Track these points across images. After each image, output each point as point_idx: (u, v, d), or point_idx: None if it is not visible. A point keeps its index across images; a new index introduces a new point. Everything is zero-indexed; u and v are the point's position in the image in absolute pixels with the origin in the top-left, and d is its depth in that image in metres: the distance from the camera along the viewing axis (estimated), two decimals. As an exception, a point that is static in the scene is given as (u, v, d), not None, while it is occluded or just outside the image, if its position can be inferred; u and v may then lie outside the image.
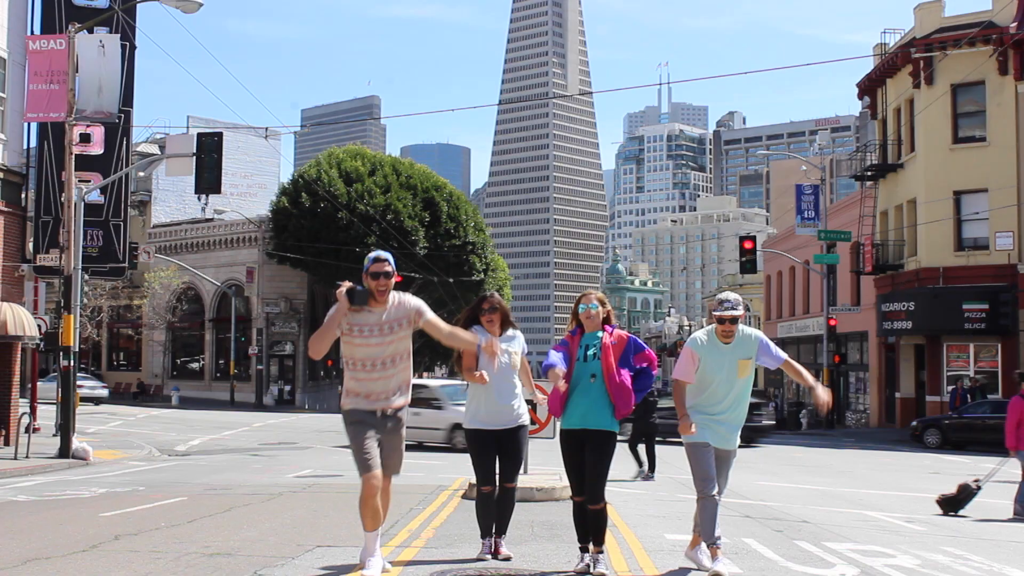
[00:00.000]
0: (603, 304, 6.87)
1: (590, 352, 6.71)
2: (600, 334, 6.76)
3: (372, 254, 6.47)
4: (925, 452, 24.69)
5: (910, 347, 34.62)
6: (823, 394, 6.87)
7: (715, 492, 6.82)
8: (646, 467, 15.52)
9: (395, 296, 6.48)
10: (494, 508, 7.19)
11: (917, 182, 33.52)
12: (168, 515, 10.09)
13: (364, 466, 6.35)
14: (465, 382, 7.27)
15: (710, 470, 6.81)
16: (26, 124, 22.69)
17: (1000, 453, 25.38)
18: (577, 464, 6.74)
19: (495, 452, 7.14)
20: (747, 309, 7.84)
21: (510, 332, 7.27)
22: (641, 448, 15.76)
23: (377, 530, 6.47)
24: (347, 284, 6.33)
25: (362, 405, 6.43)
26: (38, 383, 26.18)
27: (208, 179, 20.14)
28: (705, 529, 6.82)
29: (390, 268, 6.36)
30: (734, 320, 6.86)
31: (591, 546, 6.79)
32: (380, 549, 6.54)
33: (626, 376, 6.67)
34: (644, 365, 6.83)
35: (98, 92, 19.82)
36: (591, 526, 6.77)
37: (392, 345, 6.39)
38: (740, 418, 7.02)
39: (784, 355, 7.14)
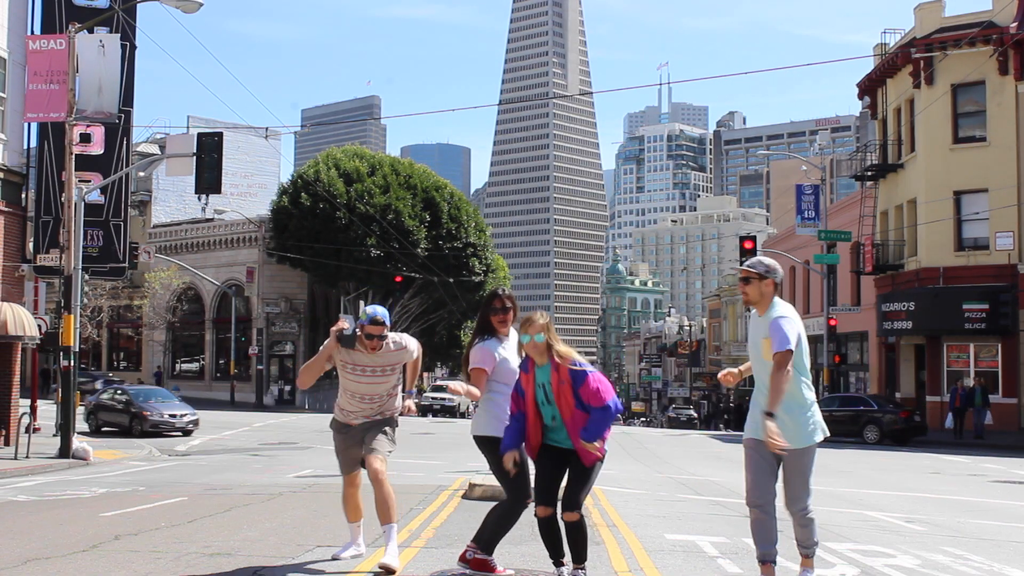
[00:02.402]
0: (547, 330, 5.98)
1: (547, 390, 6.01)
2: (549, 368, 6.00)
3: (371, 312, 6.66)
4: (925, 452, 24.68)
5: (910, 347, 34.62)
6: (770, 429, 5.64)
7: (759, 502, 5.95)
8: None
9: (395, 341, 6.85)
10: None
11: (917, 182, 33.52)
12: (168, 515, 10.09)
13: (342, 470, 7.21)
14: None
15: (752, 474, 5.98)
16: (26, 124, 22.69)
17: (848, 445, 25.84)
18: (554, 475, 6.15)
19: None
20: (763, 276, 5.95)
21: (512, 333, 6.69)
22: None
23: (358, 522, 7.20)
24: (343, 324, 6.65)
25: (342, 416, 7.10)
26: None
27: (208, 179, 20.14)
28: (756, 541, 6.09)
29: (386, 332, 6.66)
30: (746, 279, 6.03)
31: (570, 564, 6.11)
32: (362, 539, 7.29)
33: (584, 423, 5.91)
34: (589, 403, 5.87)
35: (98, 92, 19.82)
36: (569, 540, 6.08)
37: (383, 385, 6.87)
38: (791, 408, 5.83)
39: (785, 345, 5.72)
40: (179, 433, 26.86)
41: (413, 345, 6.97)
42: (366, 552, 7.32)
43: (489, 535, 6.43)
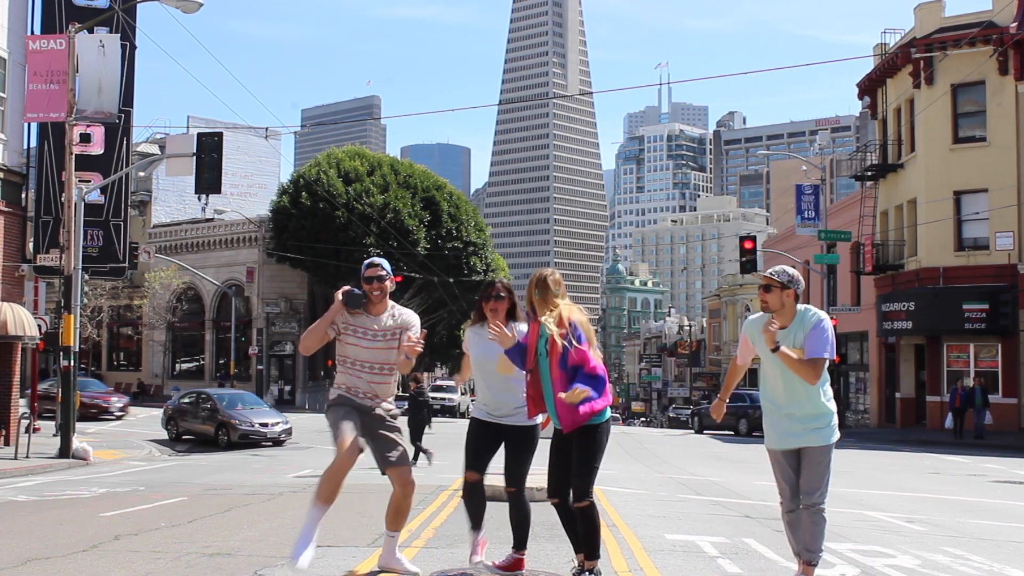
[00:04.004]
0: (550, 286, 6.02)
1: (544, 346, 5.99)
2: (550, 323, 5.93)
3: (367, 260, 6.56)
4: (925, 452, 24.67)
5: (910, 347, 34.61)
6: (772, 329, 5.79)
7: (791, 507, 6.09)
8: (433, 455, 17.50)
9: (398, 309, 6.55)
10: (482, 501, 6.62)
11: (917, 182, 33.52)
12: (168, 515, 10.09)
13: (339, 433, 6.30)
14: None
15: (781, 481, 6.14)
16: (26, 124, 22.69)
17: (727, 437, 28.35)
18: (558, 462, 6.13)
19: (495, 445, 6.60)
20: (785, 286, 5.90)
21: (519, 326, 6.37)
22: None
23: (327, 508, 6.31)
24: (346, 288, 6.41)
25: (347, 394, 6.47)
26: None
27: (208, 179, 20.14)
28: (792, 542, 6.20)
29: (384, 272, 6.41)
30: (767, 287, 5.94)
31: (584, 560, 6.09)
32: (316, 537, 6.31)
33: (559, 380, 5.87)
34: (580, 366, 5.84)
35: (98, 92, 19.82)
36: (581, 532, 6.07)
37: (385, 353, 6.41)
38: (811, 411, 5.96)
39: (822, 354, 5.84)
40: (271, 444, 24.08)
41: (414, 319, 6.59)
42: (359, 554, 7.28)
43: (518, 533, 6.53)
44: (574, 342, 5.84)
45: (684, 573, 7.03)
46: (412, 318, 6.56)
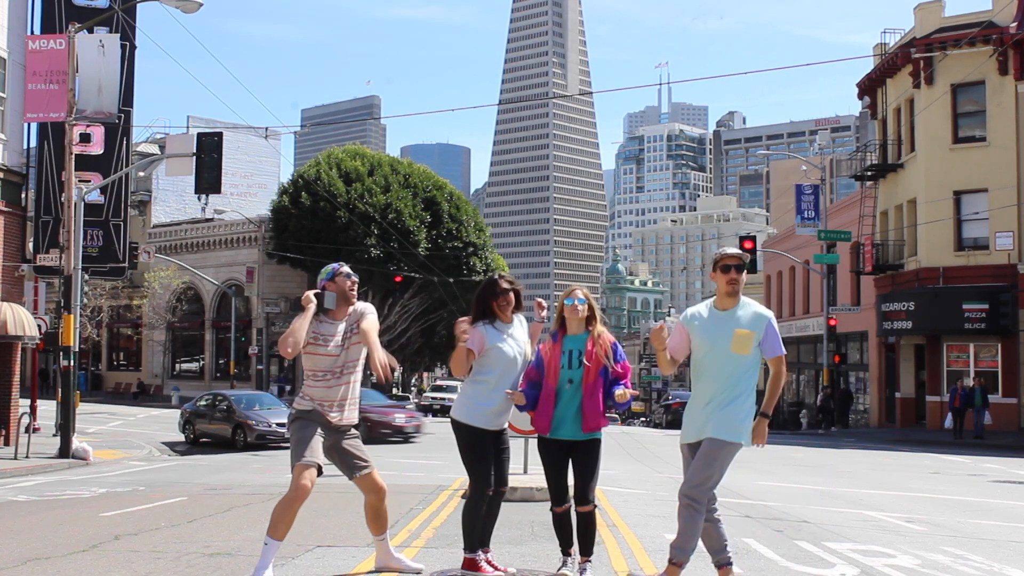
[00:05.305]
0: (588, 301, 6.36)
1: (574, 357, 6.24)
2: (585, 337, 6.28)
3: (333, 267, 6.54)
4: (925, 452, 24.67)
5: (910, 347, 34.61)
6: (764, 432, 5.89)
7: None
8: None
9: (356, 304, 6.57)
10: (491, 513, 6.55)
11: (917, 182, 33.52)
12: (168, 515, 10.10)
13: (299, 456, 6.23)
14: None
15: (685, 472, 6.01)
16: (26, 124, 22.69)
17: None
18: (559, 473, 6.35)
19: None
20: (747, 270, 6.04)
21: (519, 317, 6.57)
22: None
23: (280, 544, 6.25)
24: (316, 291, 6.41)
25: (316, 408, 6.37)
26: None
27: (208, 179, 20.14)
28: (708, 548, 6.16)
29: (349, 269, 6.52)
30: (740, 267, 5.85)
31: (578, 556, 6.43)
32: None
33: (600, 391, 6.21)
34: (620, 381, 6.29)
35: (98, 92, 19.84)
36: (579, 532, 6.39)
37: (348, 351, 6.38)
38: (728, 400, 5.78)
39: (782, 351, 5.94)
40: (288, 445, 24.54)
41: (369, 307, 6.55)
42: (359, 554, 7.29)
43: (466, 534, 6.45)
44: (614, 365, 6.27)
45: (684, 573, 7.03)
46: (367, 307, 6.48)
